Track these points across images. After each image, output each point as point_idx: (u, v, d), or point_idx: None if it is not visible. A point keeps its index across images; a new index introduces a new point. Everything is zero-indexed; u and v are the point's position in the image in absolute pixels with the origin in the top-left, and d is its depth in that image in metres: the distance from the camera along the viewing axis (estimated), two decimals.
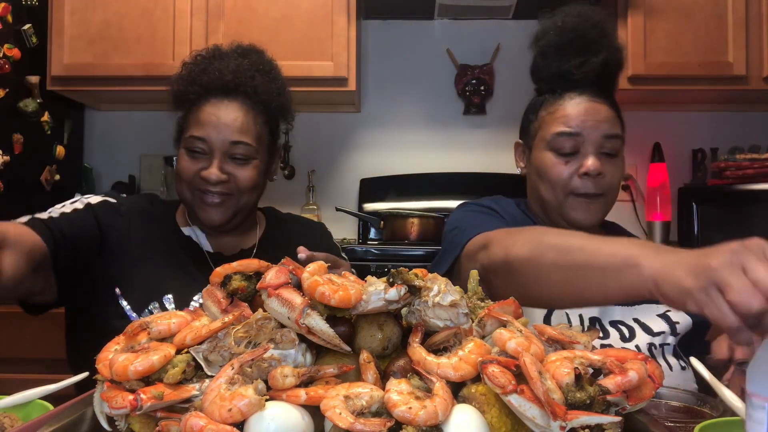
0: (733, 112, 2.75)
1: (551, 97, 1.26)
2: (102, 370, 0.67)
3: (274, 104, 1.33)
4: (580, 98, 1.22)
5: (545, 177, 1.23)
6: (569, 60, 1.22)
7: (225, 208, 1.27)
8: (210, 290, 0.77)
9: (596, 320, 1.21)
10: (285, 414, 0.58)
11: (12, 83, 2.24)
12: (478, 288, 0.81)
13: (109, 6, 2.39)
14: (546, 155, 1.23)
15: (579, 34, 1.22)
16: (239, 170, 1.26)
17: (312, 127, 2.80)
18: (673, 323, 1.21)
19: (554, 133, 1.22)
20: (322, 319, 0.65)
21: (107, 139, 2.83)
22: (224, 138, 1.25)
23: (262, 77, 1.32)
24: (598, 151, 1.20)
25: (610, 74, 1.25)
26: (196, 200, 1.27)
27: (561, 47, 1.23)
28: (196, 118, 1.27)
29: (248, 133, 1.27)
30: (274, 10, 2.39)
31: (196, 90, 1.28)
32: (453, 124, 2.81)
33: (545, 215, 1.30)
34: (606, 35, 1.24)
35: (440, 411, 0.58)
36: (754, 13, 2.37)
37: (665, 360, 1.18)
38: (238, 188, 1.27)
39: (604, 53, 1.22)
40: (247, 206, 1.31)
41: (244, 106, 1.28)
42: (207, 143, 1.25)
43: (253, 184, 1.28)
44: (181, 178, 1.28)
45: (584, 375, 0.62)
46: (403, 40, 2.82)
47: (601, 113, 1.21)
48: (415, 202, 2.63)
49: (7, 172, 2.19)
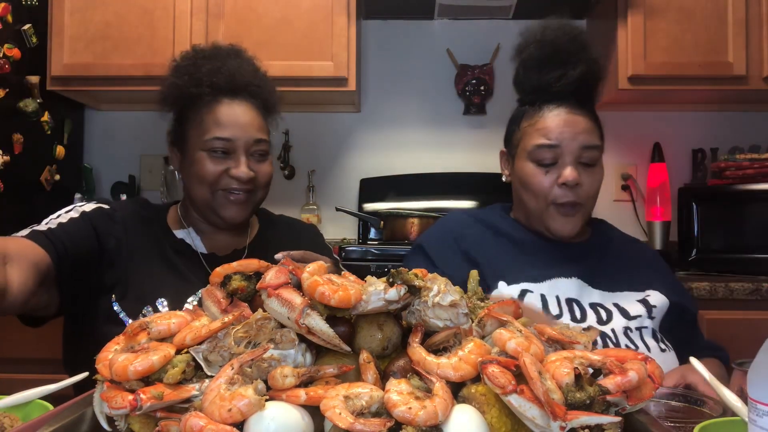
0: (733, 112, 2.75)
1: (531, 108, 1.31)
2: (102, 370, 0.67)
3: (271, 102, 1.37)
4: (558, 110, 1.27)
5: (527, 186, 1.29)
6: (549, 73, 1.27)
7: (247, 204, 1.31)
8: (210, 290, 0.77)
9: (573, 301, 1.24)
10: (285, 414, 0.58)
11: (12, 83, 2.24)
12: (478, 288, 0.81)
13: (109, 6, 2.39)
14: (527, 165, 1.29)
15: (558, 48, 1.28)
16: (260, 166, 1.31)
17: (312, 127, 2.80)
18: (651, 306, 1.25)
19: (534, 144, 1.27)
20: (322, 319, 0.65)
21: (107, 139, 2.83)
22: (249, 137, 1.28)
23: (258, 77, 1.36)
24: (576, 162, 1.26)
25: (588, 86, 1.31)
26: (219, 199, 1.29)
27: (540, 60, 1.29)
28: (215, 120, 1.27)
29: (263, 130, 1.33)
30: (274, 10, 2.39)
31: (206, 91, 1.28)
32: (453, 124, 2.80)
33: (528, 222, 1.36)
34: (584, 48, 1.29)
35: (440, 411, 0.58)
36: (754, 13, 2.37)
37: (643, 342, 1.21)
38: (260, 184, 1.32)
39: (582, 66, 1.27)
40: (261, 202, 1.36)
41: (253, 106, 1.32)
42: (233, 143, 1.27)
43: (270, 179, 1.34)
44: (203, 179, 1.27)
45: (584, 375, 0.62)
46: (403, 40, 2.82)
47: (579, 125, 1.26)
48: (415, 202, 2.63)
49: (7, 172, 2.19)
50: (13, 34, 2.26)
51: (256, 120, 1.31)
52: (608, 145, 3.00)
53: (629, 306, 1.25)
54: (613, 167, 2.77)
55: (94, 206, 1.30)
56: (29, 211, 2.35)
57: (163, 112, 1.35)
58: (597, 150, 1.29)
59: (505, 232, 1.35)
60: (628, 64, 2.37)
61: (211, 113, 1.28)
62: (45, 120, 2.42)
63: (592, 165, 1.29)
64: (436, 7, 2.63)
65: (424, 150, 2.80)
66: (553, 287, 1.25)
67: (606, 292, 1.27)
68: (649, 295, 1.28)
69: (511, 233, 1.35)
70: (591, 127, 1.29)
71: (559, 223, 1.28)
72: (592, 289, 1.27)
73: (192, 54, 1.34)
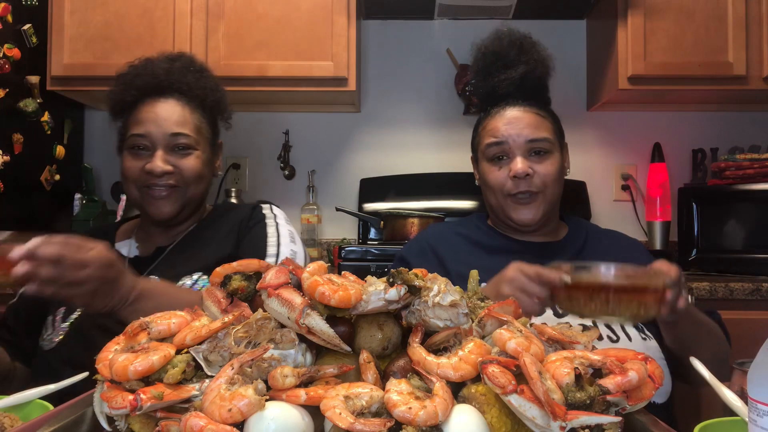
0: (733, 112, 2.75)
1: (485, 114, 1.42)
2: (102, 370, 0.67)
3: (209, 100, 1.39)
4: (503, 110, 1.37)
5: (487, 184, 1.39)
6: (493, 78, 1.40)
7: (173, 200, 1.31)
8: (210, 290, 0.77)
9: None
10: (285, 414, 0.58)
11: (12, 83, 2.24)
12: (478, 288, 0.81)
13: (109, 6, 2.39)
14: (484, 165, 1.39)
15: (498, 54, 1.39)
16: (182, 161, 1.31)
17: (312, 127, 2.80)
18: None
19: (485, 144, 1.37)
20: (322, 319, 0.65)
21: (107, 139, 2.81)
22: (164, 131, 1.30)
23: (194, 75, 1.38)
24: (525, 154, 1.34)
25: (533, 84, 1.39)
26: (144, 196, 1.32)
27: (485, 69, 1.41)
28: (135, 119, 1.33)
29: (186, 125, 1.33)
30: (274, 10, 2.39)
31: (133, 93, 1.34)
32: (453, 124, 2.80)
33: (497, 220, 1.44)
34: (525, 52, 1.39)
35: (440, 411, 0.58)
36: (754, 13, 2.37)
37: (625, 332, 1.23)
38: (184, 179, 1.31)
39: (522, 66, 1.37)
40: (194, 198, 1.35)
41: (180, 102, 1.34)
42: (148, 138, 1.30)
43: (197, 173, 1.33)
44: (127, 177, 1.32)
45: (584, 375, 0.62)
46: (403, 40, 2.82)
47: (523, 120, 1.35)
48: (415, 202, 2.62)
49: (7, 172, 2.19)
50: (13, 34, 2.26)
51: (176, 114, 1.32)
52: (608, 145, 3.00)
53: None
54: (613, 167, 2.77)
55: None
56: (29, 211, 2.36)
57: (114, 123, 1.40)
58: (545, 141, 1.35)
59: (478, 240, 1.42)
60: (628, 64, 2.37)
61: (133, 113, 1.33)
62: (45, 120, 2.42)
63: (545, 154, 1.35)
64: (436, 7, 2.63)
65: (424, 150, 2.80)
66: None
67: None
68: None
69: (485, 241, 1.41)
70: (536, 120, 1.36)
71: (519, 213, 1.35)
72: None
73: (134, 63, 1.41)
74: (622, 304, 0.93)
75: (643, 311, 0.95)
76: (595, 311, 0.94)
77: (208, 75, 1.42)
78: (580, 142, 2.73)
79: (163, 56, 1.41)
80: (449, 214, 2.51)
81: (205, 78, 1.40)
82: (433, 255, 1.39)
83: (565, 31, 2.78)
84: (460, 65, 2.75)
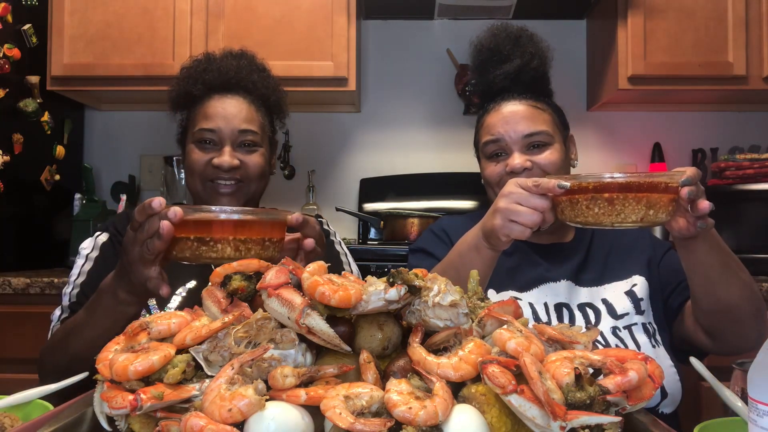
0: (733, 112, 2.75)
1: (483, 111, 1.40)
2: (102, 370, 0.67)
3: (272, 99, 1.42)
4: (499, 106, 1.34)
5: (486, 180, 1.37)
6: (490, 73, 1.38)
7: (237, 196, 1.33)
8: (210, 290, 0.77)
9: (563, 306, 1.25)
10: (285, 414, 0.58)
11: (12, 83, 2.24)
12: (478, 288, 0.81)
13: (109, 6, 2.39)
14: (483, 162, 1.37)
15: (494, 49, 1.37)
16: (248, 157, 1.34)
17: (312, 127, 2.80)
18: (638, 300, 1.26)
19: (482, 142, 1.35)
20: (322, 319, 0.65)
21: (107, 139, 2.83)
22: (233, 127, 1.32)
23: (259, 75, 1.41)
24: (522, 149, 1.30)
25: (530, 77, 1.36)
26: (209, 191, 1.33)
27: (482, 65, 1.40)
28: (203, 113, 1.34)
29: (253, 122, 1.35)
30: (274, 10, 2.39)
31: (200, 88, 1.36)
32: (453, 124, 2.80)
33: None
34: (520, 46, 1.36)
35: (440, 411, 0.58)
36: (754, 13, 2.37)
37: (633, 340, 1.21)
38: (249, 175, 1.33)
39: (517, 60, 1.35)
40: (255, 195, 1.38)
41: (246, 100, 1.36)
42: (217, 134, 1.32)
43: (261, 170, 1.36)
44: (192, 170, 1.33)
45: (584, 375, 0.62)
46: (403, 40, 2.82)
47: (517, 114, 1.31)
48: (415, 202, 2.63)
49: (7, 172, 2.19)
50: (13, 34, 2.26)
51: (244, 112, 1.34)
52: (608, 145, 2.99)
53: (617, 302, 1.25)
54: (613, 167, 2.77)
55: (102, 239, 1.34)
56: (29, 211, 2.36)
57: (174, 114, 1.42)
58: (543, 134, 1.31)
59: None
60: (628, 64, 2.37)
61: (201, 108, 1.35)
62: (45, 120, 2.42)
63: (544, 147, 1.31)
64: (436, 7, 2.64)
65: (424, 150, 2.80)
66: (542, 294, 1.26)
67: (594, 287, 1.28)
68: (636, 284, 1.28)
69: None
70: (532, 113, 1.32)
71: None
72: (580, 288, 1.28)
73: (198, 58, 1.42)
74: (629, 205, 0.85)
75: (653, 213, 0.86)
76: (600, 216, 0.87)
77: (269, 75, 1.45)
78: (580, 142, 2.68)
79: (226, 52, 1.43)
80: (449, 214, 2.50)
81: (267, 77, 1.43)
82: (450, 243, 1.35)
83: (565, 31, 2.78)
84: (460, 65, 2.75)
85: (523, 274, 1.29)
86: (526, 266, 1.30)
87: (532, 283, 1.28)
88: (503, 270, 1.28)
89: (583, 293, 1.27)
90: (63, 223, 2.49)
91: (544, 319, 1.22)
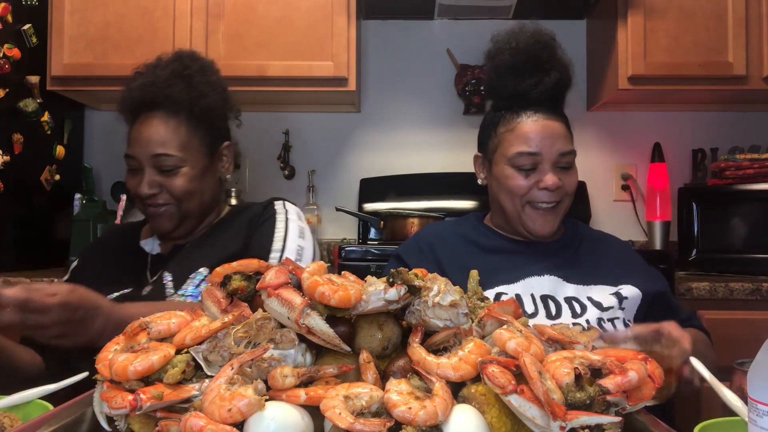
0: (733, 112, 2.75)
1: (509, 114, 1.34)
2: (102, 370, 0.67)
3: (198, 108, 1.35)
4: (536, 116, 1.31)
5: (505, 187, 1.33)
6: (525, 79, 1.31)
7: (168, 216, 1.34)
8: (210, 290, 0.77)
9: (549, 297, 1.27)
10: (285, 414, 0.58)
11: (12, 83, 2.24)
12: (478, 288, 0.81)
13: (109, 6, 2.39)
14: (507, 170, 1.32)
15: (532, 55, 1.32)
16: (168, 180, 1.32)
17: (312, 127, 2.80)
18: (622, 298, 1.28)
19: (516, 152, 1.30)
20: (321, 319, 0.65)
21: (107, 139, 2.83)
22: (147, 152, 1.31)
23: (181, 84, 1.34)
24: (554, 167, 1.30)
25: (561, 92, 1.35)
26: (146, 213, 1.37)
27: (516, 67, 1.32)
28: (129, 138, 1.36)
29: (169, 143, 1.31)
30: (274, 10, 2.39)
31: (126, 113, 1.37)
32: (453, 124, 2.80)
33: (507, 224, 1.39)
34: (555, 55, 1.34)
35: (440, 411, 0.58)
36: (754, 13, 2.37)
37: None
38: (173, 197, 1.32)
39: (556, 72, 1.32)
40: (193, 212, 1.37)
41: (164, 118, 1.33)
42: (135, 160, 1.32)
43: (185, 191, 1.33)
44: (134, 195, 1.36)
45: (584, 375, 0.62)
46: (403, 40, 2.82)
47: (555, 131, 1.30)
48: (415, 202, 2.62)
49: (7, 172, 2.19)
50: (13, 34, 2.26)
51: (159, 133, 1.31)
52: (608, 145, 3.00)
53: (603, 299, 1.27)
54: (613, 167, 2.77)
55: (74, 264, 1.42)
56: (29, 211, 2.36)
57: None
58: (572, 155, 1.33)
59: (476, 240, 1.39)
60: (628, 64, 2.37)
61: (130, 130, 1.36)
62: (45, 120, 2.42)
63: (569, 168, 1.33)
64: (436, 7, 2.63)
65: (424, 150, 2.80)
66: (528, 286, 1.28)
67: (581, 285, 1.30)
68: (622, 289, 1.30)
69: (482, 242, 1.39)
70: (565, 132, 1.32)
71: (539, 224, 1.32)
72: (567, 284, 1.30)
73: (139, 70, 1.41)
74: None
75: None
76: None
77: (198, 80, 1.35)
78: (580, 142, 2.71)
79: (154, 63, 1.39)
80: (449, 214, 2.50)
81: (194, 85, 1.34)
82: (431, 254, 1.37)
83: (565, 31, 2.76)
84: (460, 65, 2.75)
85: (509, 270, 1.30)
86: (512, 263, 1.32)
87: (518, 277, 1.29)
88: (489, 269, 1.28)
89: (570, 288, 1.29)
90: (63, 223, 2.49)
91: (530, 310, 1.24)
